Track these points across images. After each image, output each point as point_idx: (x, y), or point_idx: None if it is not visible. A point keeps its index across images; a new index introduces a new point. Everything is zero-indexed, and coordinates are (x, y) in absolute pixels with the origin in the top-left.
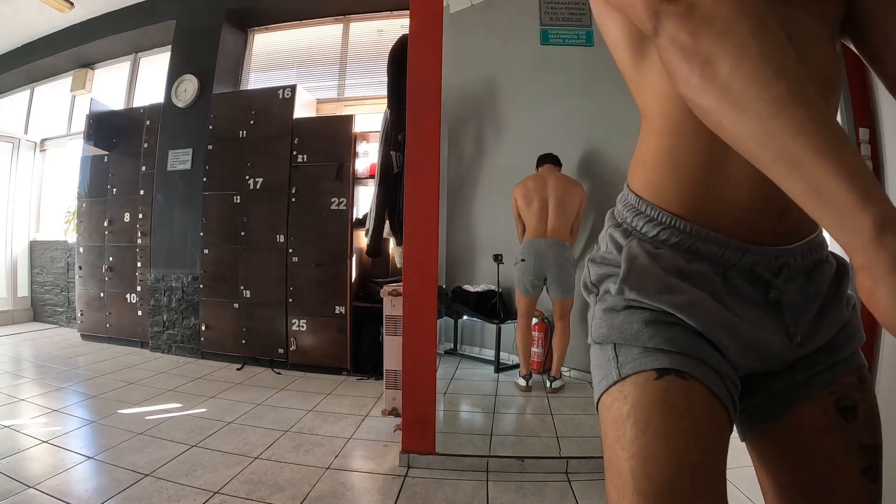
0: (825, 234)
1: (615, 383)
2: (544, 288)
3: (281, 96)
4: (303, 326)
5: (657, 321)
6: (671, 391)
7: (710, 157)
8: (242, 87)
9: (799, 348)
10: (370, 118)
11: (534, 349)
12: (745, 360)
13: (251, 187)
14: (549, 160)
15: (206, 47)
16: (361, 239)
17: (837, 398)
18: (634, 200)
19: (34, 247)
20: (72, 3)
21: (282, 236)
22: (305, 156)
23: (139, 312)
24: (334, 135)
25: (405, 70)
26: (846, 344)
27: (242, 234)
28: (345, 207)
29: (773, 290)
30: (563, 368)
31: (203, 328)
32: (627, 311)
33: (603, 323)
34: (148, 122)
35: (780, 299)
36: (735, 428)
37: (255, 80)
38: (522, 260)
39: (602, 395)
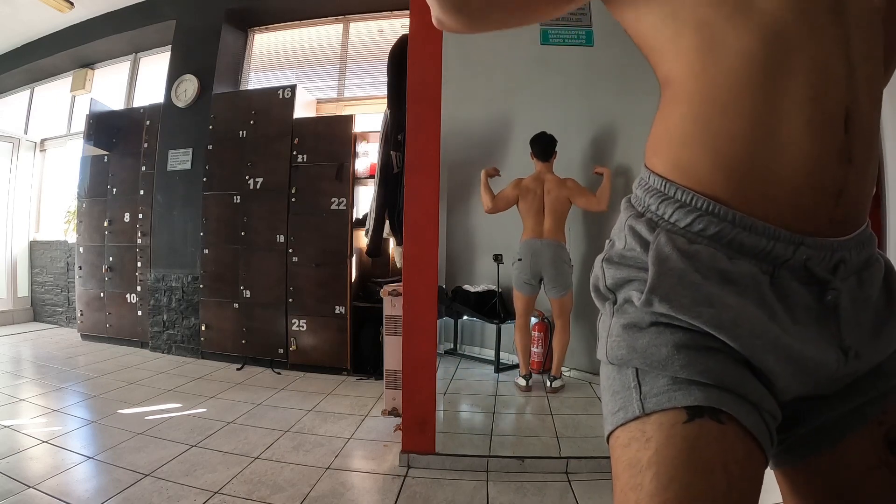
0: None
1: (635, 419)
2: (541, 287)
3: (281, 96)
4: (303, 326)
5: (693, 346)
6: (703, 439)
7: (758, 124)
8: (242, 87)
9: (854, 362)
10: (370, 118)
11: (533, 349)
12: (795, 385)
13: (251, 187)
14: (541, 156)
15: (206, 47)
16: (361, 239)
17: (887, 429)
18: (659, 183)
19: (34, 247)
20: (72, 3)
21: (282, 236)
22: (305, 156)
23: (139, 312)
24: (334, 135)
25: (405, 70)
26: None
27: (242, 234)
28: (345, 207)
29: (831, 290)
30: (563, 368)
31: (203, 328)
32: (655, 329)
33: (622, 343)
34: (148, 122)
35: (839, 303)
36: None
37: (255, 80)
38: (519, 259)
39: (617, 428)
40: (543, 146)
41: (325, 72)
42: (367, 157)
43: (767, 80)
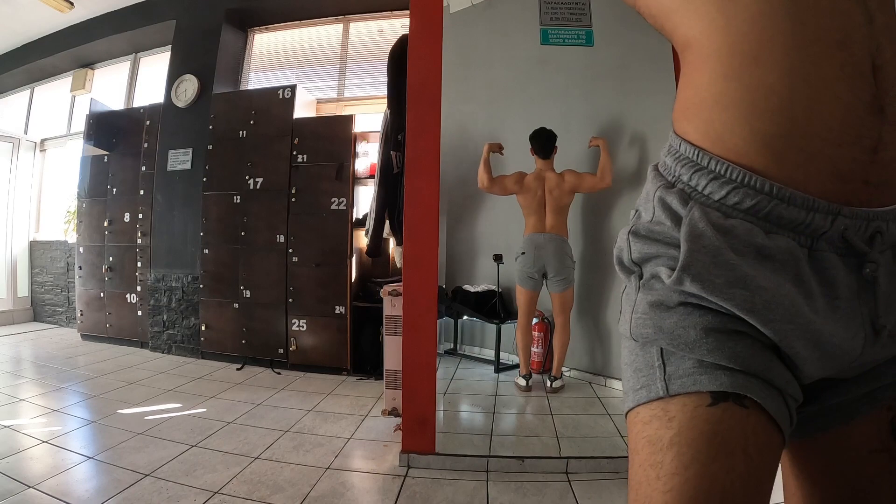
0: None
1: (659, 399)
2: (544, 283)
3: (281, 96)
4: (303, 326)
5: (722, 329)
6: (725, 423)
7: (792, 71)
8: (242, 87)
9: (882, 345)
10: (370, 118)
11: (533, 349)
12: (819, 371)
13: (251, 187)
14: (541, 153)
15: (206, 47)
16: (361, 239)
17: (894, 415)
18: (691, 151)
19: (34, 247)
20: (72, 3)
21: (282, 236)
22: (305, 156)
23: (139, 312)
24: (334, 135)
25: (405, 70)
26: None
27: (242, 234)
28: (345, 207)
29: (869, 263)
30: (564, 368)
31: (203, 328)
32: (683, 309)
33: (648, 321)
34: (148, 122)
35: (878, 276)
36: None
37: (255, 80)
38: (523, 253)
39: (639, 406)
40: (543, 142)
41: (325, 72)
42: (367, 157)
43: (795, 24)
